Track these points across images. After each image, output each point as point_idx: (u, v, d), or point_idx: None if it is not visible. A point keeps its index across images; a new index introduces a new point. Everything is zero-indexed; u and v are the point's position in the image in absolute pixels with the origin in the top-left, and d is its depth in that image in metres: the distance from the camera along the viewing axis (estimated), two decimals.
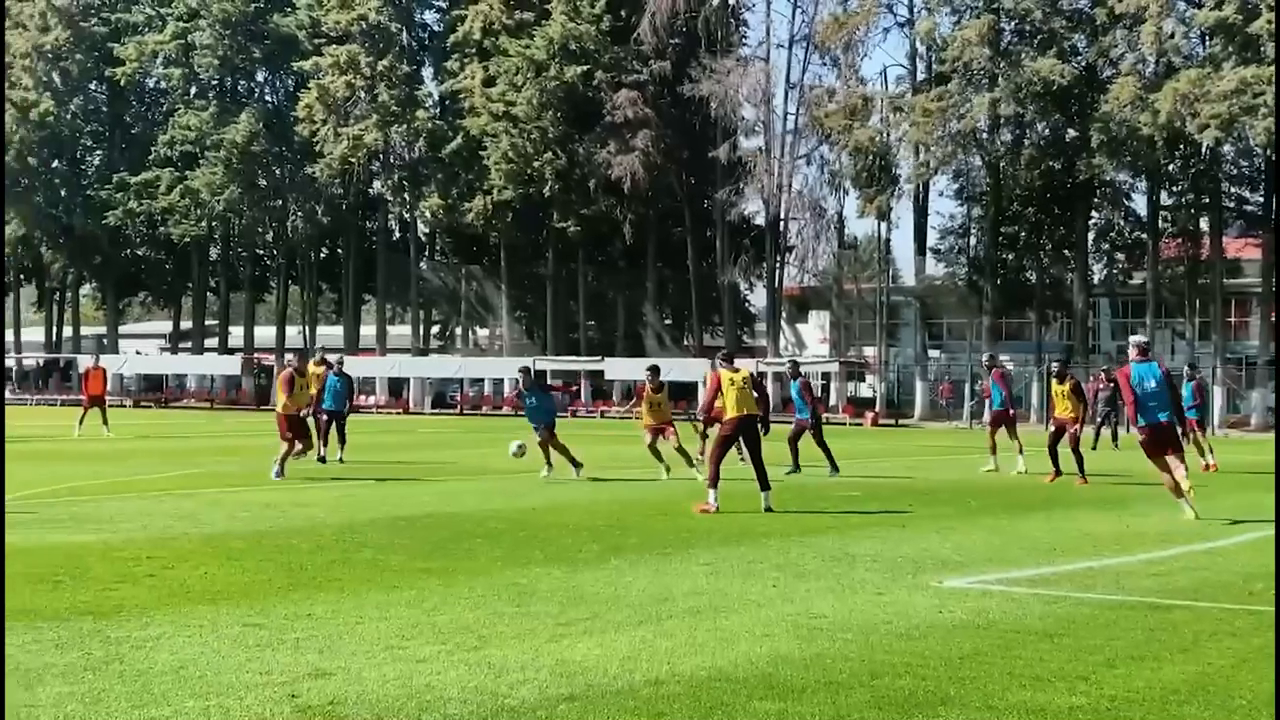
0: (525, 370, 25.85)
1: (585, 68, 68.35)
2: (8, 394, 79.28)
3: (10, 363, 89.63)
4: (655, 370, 24.48)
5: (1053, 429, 24.77)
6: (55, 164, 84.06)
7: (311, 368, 27.52)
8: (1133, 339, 18.20)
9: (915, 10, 65.60)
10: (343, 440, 27.39)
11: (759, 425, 18.13)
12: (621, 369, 66.32)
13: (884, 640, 9.12)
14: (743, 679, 7.93)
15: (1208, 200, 61.23)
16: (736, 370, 18.24)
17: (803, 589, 11.23)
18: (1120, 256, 66.65)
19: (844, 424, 60.51)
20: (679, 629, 9.41)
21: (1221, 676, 8.13)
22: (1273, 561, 13.33)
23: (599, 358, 69.68)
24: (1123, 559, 13.52)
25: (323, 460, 26.14)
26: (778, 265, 70.64)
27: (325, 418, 27.30)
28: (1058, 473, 23.58)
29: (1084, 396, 25.11)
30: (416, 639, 8.92)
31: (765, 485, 17.71)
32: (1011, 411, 27.02)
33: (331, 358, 29.50)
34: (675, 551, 13.53)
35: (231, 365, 78.89)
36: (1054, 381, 25.03)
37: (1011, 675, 8.11)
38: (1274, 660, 8.50)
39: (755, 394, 18.22)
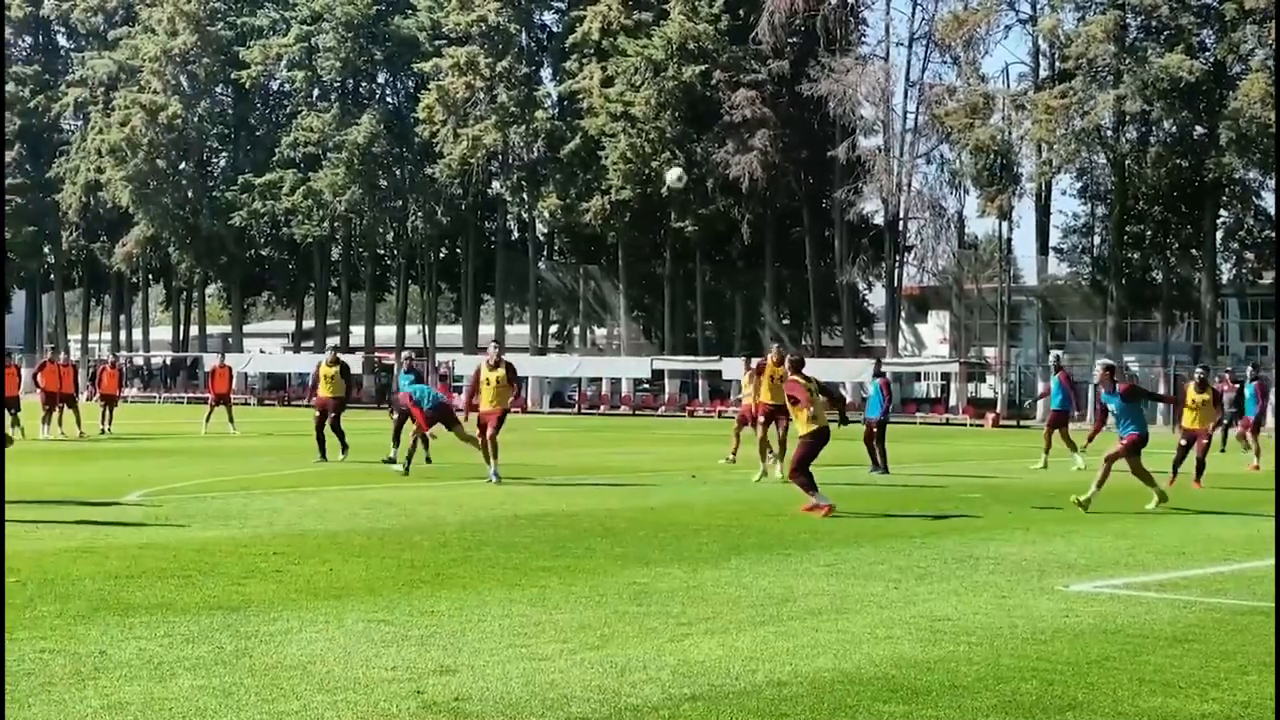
0: (409, 356, 26.30)
1: (703, 67, 68.32)
2: (136, 391, 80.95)
3: (139, 361, 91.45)
4: (783, 346, 23.47)
5: (1182, 441, 23.42)
6: (182, 166, 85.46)
7: (324, 369, 26.30)
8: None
9: (1038, 6, 64.85)
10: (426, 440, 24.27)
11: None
12: (739, 369, 66.12)
13: (1009, 644, 9.02)
14: (866, 680, 7.89)
15: None
16: (808, 378, 17.72)
17: (925, 591, 11.15)
18: (1250, 256, 65.41)
19: (964, 424, 59.98)
20: (801, 629, 9.37)
21: None
22: None
23: (716, 357, 69.60)
24: (1253, 563, 13.27)
25: (392, 461, 24.26)
26: (896, 265, 70.16)
27: (398, 417, 24.94)
28: (1174, 476, 22.16)
29: (1222, 406, 24.62)
30: (539, 637, 8.97)
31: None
32: (1074, 413, 27.27)
33: (398, 355, 29.18)
34: (796, 552, 13.48)
35: (353, 364, 79.78)
36: (1192, 389, 23.55)
37: (1141, 681, 7.99)
38: (1274, 661, 8.37)
39: (823, 397, 17.81)
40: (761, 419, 22.95)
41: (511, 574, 11.76)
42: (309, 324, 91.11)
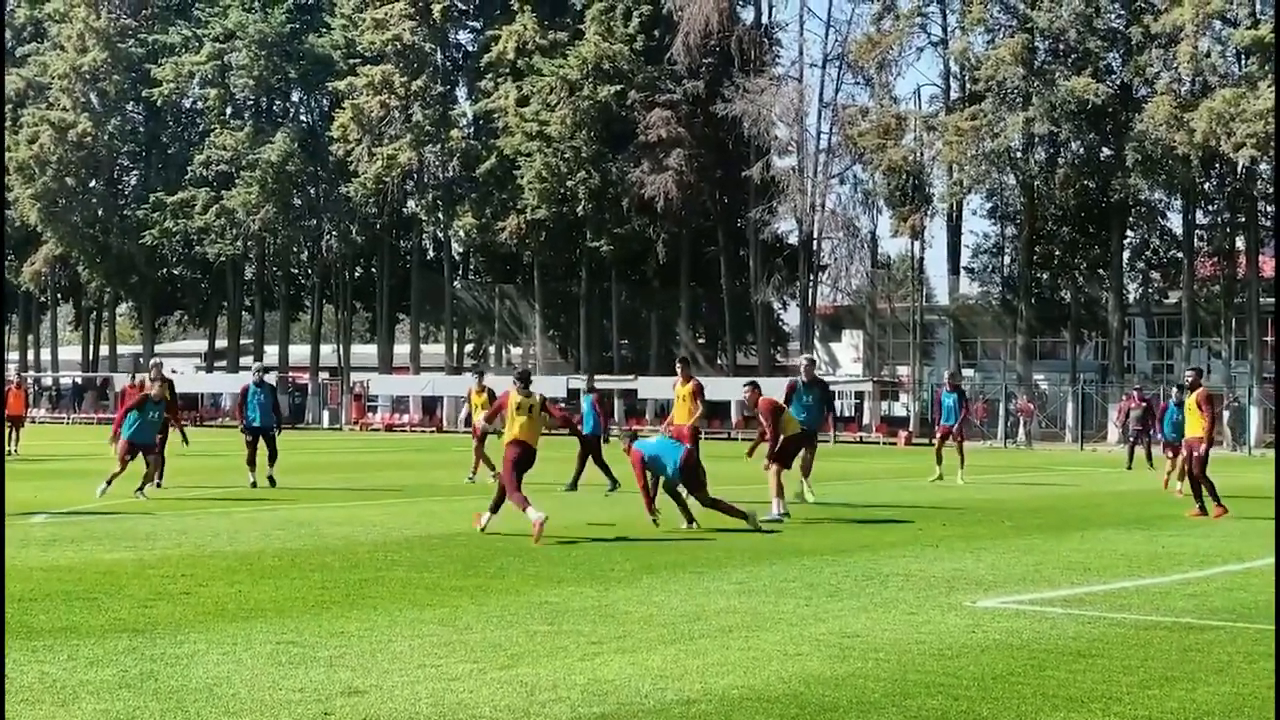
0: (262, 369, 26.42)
1: (619, 87, 68.51)
2: (44, 413, 79.85)
3: (47, 381, 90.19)
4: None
5: (1185, 453, 21.96)
6: (93, 184, 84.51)
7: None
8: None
9: (949, 30, 65.64)
10: (273, 456, 24.68)
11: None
12: (655, 387, 66.31)
13: (916, 660, 9.11)
14: (774, 698, 7.93)
15: (1243, 219, 60.95)
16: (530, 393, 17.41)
17: (835, 608, 11.22)
18: (1155, 275, 66.44)
19: (878, 443, 60.40)
20: (711, 647, 9.42)
21: (1256, 698, 8.09)
22: None
23: (633, 376, 69.72)
24: (1158, 579, 13.47)
25: (253, 485, 24.07)
26: (811, 284, 70.62)
27: (250, 436, 24.77)
28: (1201, 507, 20.71)
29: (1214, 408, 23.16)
30: (449, 657, 8.95)
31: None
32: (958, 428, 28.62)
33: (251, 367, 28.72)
34: (708, 570, 13.53)
35: None
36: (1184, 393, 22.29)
37: (1044, 696, 8.09)
38: (1274, 663, 8.48)
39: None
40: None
41: (423, 594, 11.73)
42: (222, 343, 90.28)
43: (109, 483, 21.33)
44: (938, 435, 28.81)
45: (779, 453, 19.32)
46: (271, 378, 27.49)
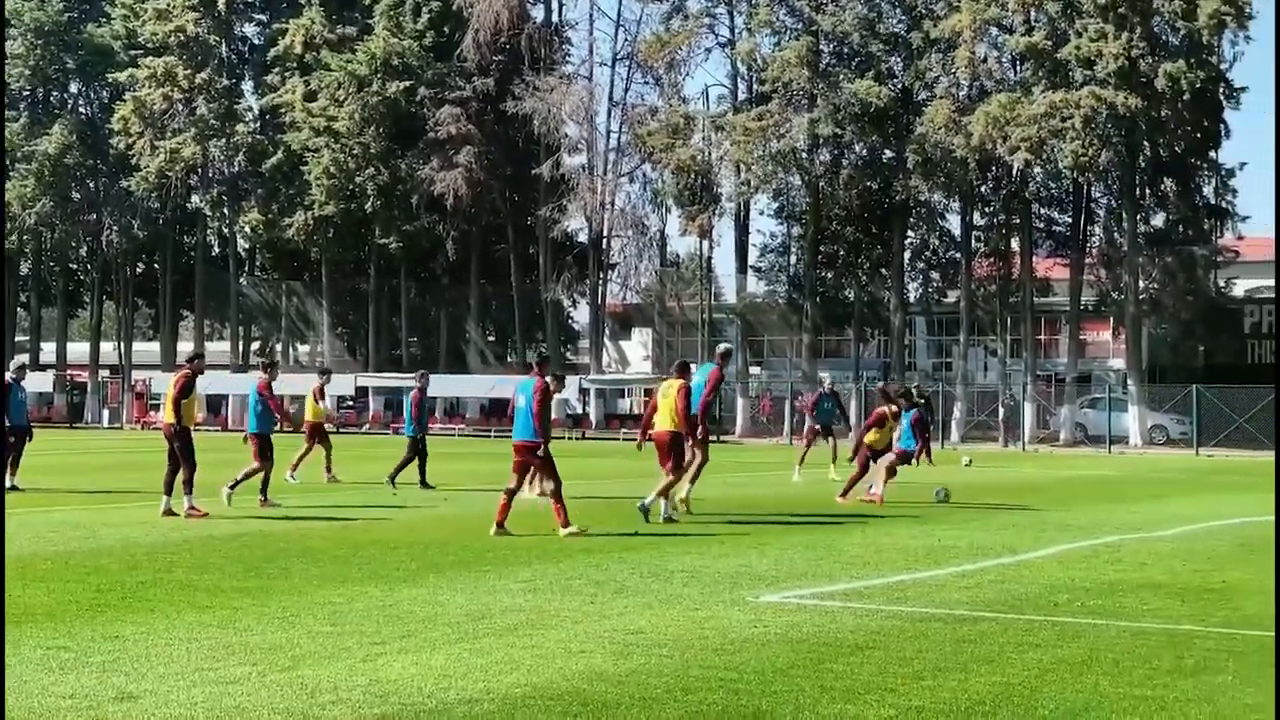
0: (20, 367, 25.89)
1: (408, 83, 67.94)
2: None
3: None
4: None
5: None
6: None
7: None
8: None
9: (736, 31, 66.37)
10: (15, 464, 23.71)
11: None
12: (444, 386, 65.89)
13: (699, 655, 9.21)
14: (557, 695, 7.96)
15: (1018, 221, 62.79)
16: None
17: (620, 605, 11.29)
18: (935, 275, 67.93)
19: None
20: (495, 646, 9.41)
21: (1025, 687, 8.36)
22: (1078, 574, 13.73)
23: (421, 374, 69.06)
24: (934, 572, 13.81)
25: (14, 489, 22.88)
26: (600, 282, 70.89)
27: (14, 437, 23.80)
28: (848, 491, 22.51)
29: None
30: (228, 660, 8.80)
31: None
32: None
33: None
34: (494, 568, 13.51)
35: (44, 382, 76.74)
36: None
37: (823, 689, 8.24)
38: (1275, 668, 8.74)
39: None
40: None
41: (203, 596, 11.51)
42: None
43: None
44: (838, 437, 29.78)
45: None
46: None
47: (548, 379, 17.73)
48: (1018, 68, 60.39)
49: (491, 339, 78.47)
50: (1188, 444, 53.18)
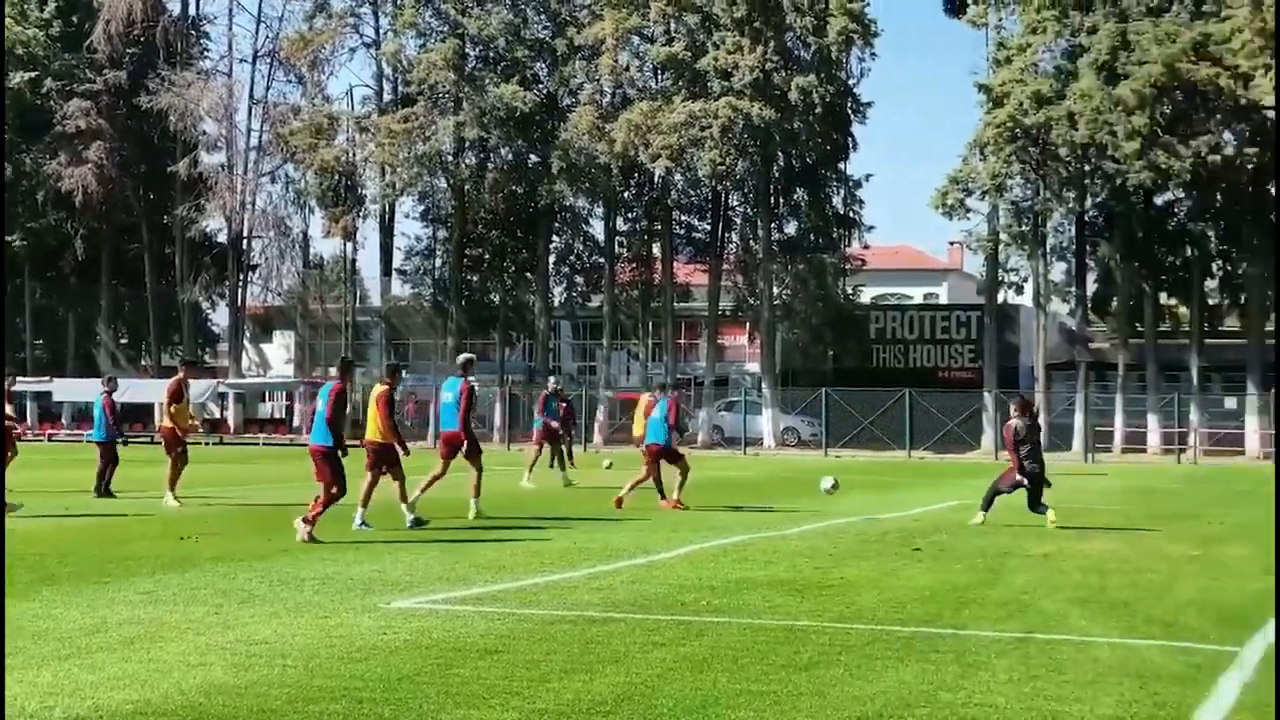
0: None
1: (33, 74, 65.07)
2: None
3: None
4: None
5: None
6: None
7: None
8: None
9: (381, 32, 65.83)
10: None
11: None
12: (72, 390, 63.22)
13: (324, 664, 9.02)
14: (172, 711, 7.67)
15: (660, 227, 64.09)
16: None
17: (246, 615, 10.98)
18: (580, 280, 68.74)
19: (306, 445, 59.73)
20: (109, 661, 9.01)
21: (647, 686, 8.45)
22: (706, 573, 14.03)
23: (47, 378, 66.25)
24: (568, 574, 13.90)
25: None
26: (240, 284, 69.27)
27: None
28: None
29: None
30: None
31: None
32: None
33: None
34: (114, 580, 12.97)
35: None
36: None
37: (448, 694, 8.17)
38: (1275, 667, 8.83)
39: None
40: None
41: None
42: None
43: None
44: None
45: None
46: None
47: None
48: (659, 77, 61.68)
49: (124, 342, 75.77)
50: (818, 445, 55.16)
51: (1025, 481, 19.57)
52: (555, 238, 67.20)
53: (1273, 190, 52.72)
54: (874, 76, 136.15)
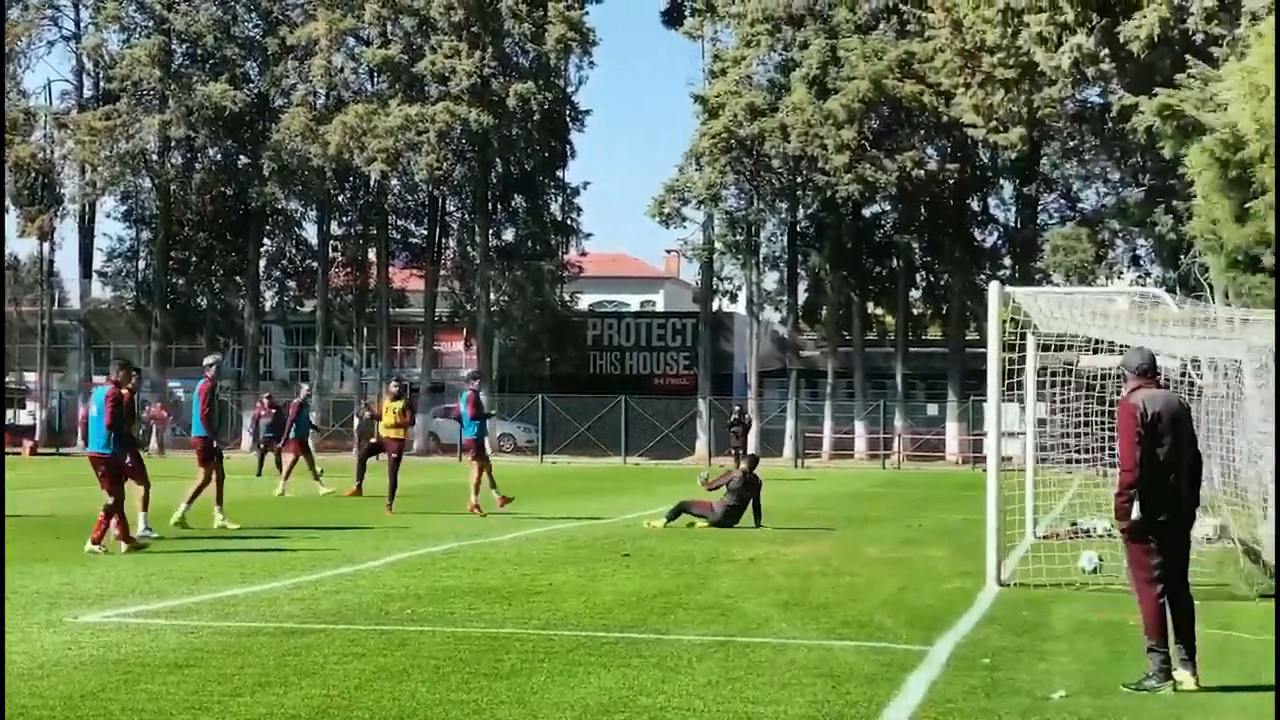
0: None
1: None
2: None
3: None
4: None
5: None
6: None
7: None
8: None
9: (82, 25, 63.50)
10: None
11: None
12: None
13: (5, 682, 8.54)
14: None
15: (375, 231, 63.30)
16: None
17: None
18: (292, 284, 67.46)
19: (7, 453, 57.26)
20: None
21: (344, 698, 8.24)
22: (413, 581, 13.82)
23: None
24: (269, 585, 13.53)
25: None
26: None
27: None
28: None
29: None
30: None
31: None
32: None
33: None
34: None
35: None
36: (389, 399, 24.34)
37: (133, 711, 7.84)
38: (1275, 666, 8.64)
39: None
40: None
41: None
42: None
43: None
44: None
45: None
46: None
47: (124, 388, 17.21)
48: (375, 79, 60.94)
49: None
50: (535, 451, 55.21)
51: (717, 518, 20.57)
52: (267, 241, 65.80)
53: (973, 204, 54.93)
54: (593, 85, 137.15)
